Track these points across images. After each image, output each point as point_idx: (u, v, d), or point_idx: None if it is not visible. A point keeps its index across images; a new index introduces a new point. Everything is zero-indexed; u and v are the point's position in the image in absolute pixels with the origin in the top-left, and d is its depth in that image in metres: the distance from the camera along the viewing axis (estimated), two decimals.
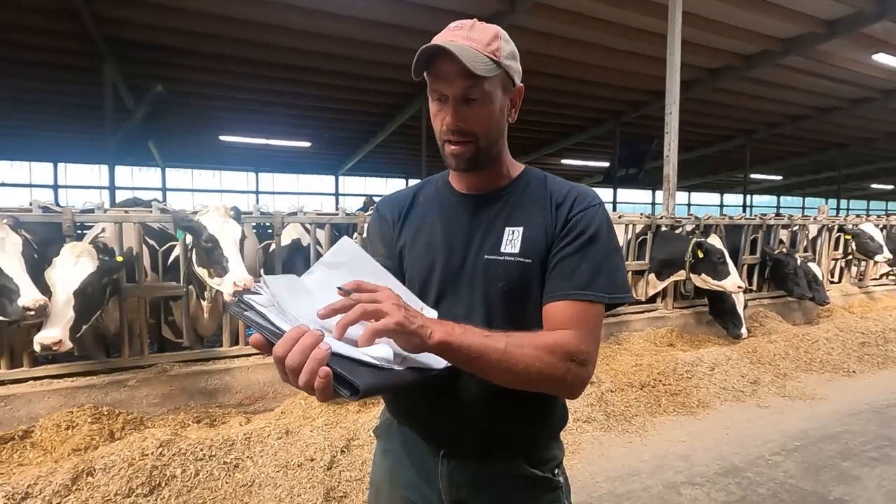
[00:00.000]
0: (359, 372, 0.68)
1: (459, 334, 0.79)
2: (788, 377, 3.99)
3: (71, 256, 2.49)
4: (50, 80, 8.82)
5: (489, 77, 0.91)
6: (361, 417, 2.82)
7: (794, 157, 18.27)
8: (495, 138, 0.98)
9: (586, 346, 0.89)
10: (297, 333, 0.67)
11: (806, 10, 7.53)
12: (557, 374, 0.86)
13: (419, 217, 1.07)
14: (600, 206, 0.99)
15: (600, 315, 0.93)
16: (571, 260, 0.94)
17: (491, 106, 0.94)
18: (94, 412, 2.67)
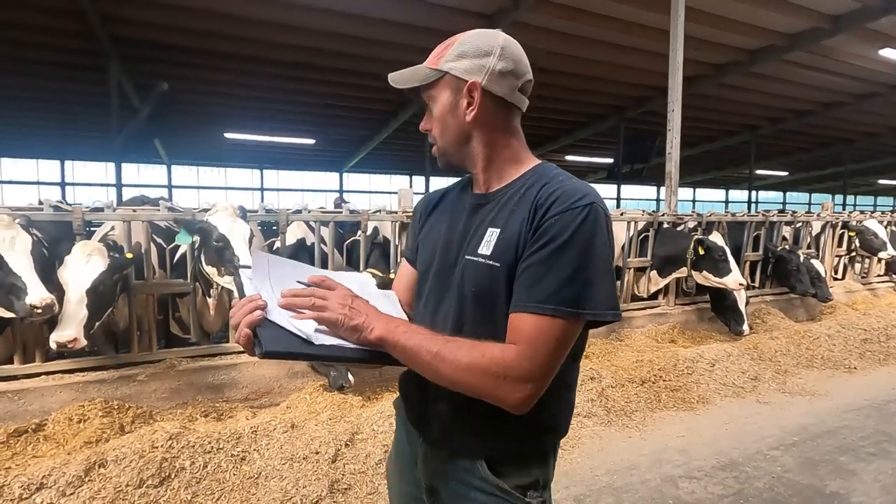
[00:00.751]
0: (276, 340, 0.82)
1: (399, 333, 0.88)
2: (789, 373, 4.02)
3: (82, 255, 2.55)
4: (56, 78, 8.91)
5: (426, 84, 0.99)
6: (365, 412, 2.87)
7: (800, 152, 18.16)
8: (451, 138, 1.00)
9: (529, 362, 0.84)
10: (246, 300, 0.86)
11: (811, 5, 7.49)
12: (485, 389, 0.86)
13: (437, 215, 1.12)
14: (585, 209, 0.87)
15: (564, 331, 0.85)
16: (536, 269, 0.87)
17: (437, 109, 1.00)
18: (105, 406, 2.73)
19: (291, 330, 0.84)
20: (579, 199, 0.88)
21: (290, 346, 0.83)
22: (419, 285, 1.08)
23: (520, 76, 0.99)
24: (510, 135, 1.02)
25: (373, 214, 3.73)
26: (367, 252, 3.68)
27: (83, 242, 2.66)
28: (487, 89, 0.96)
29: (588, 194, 0.90)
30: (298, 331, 0.84)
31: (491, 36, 0.99)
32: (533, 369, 0.85)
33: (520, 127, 1.04)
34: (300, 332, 0.84)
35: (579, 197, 0.89)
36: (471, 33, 1.01)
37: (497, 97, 0.98)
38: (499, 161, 1.02)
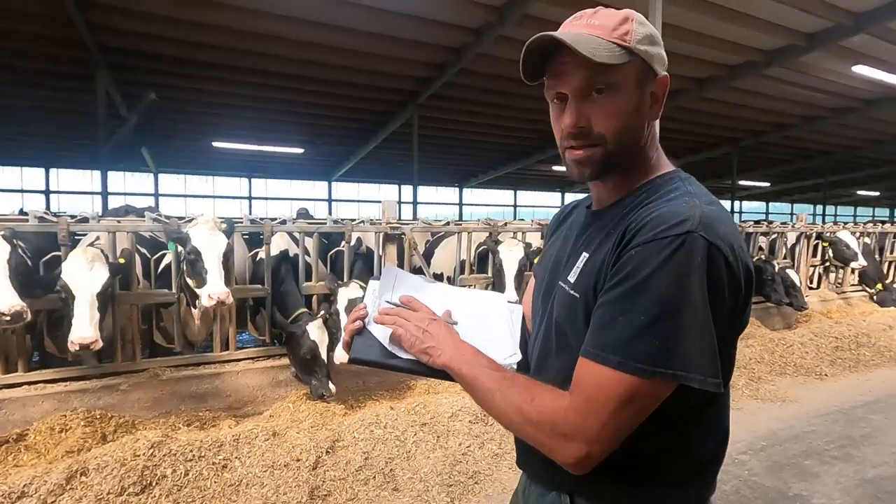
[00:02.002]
0: (364, 348, 0.93)
1: (463, 362, 0.86)
2: (762, 380, 4.14)
3: (85, 261, 2.61)
4: (43, 86, 8.90)
5: (616, 65, 0.78)
6: (347, 420, 2.92)
7: (781, 164, 18.58)
8: (630, 140, 0.83)
9: (581, 419, 0.73)
10: (358, 309, 0.96)
11: (786, 23, 7.75)
12: (533, 440, 0.80)
13: (561, 231, 1.04)
14: (677, 240, 0.70)
15: (631, 389, 0.71)
16: (609, 309, 0.74)
17: (620, 100, 0.80)
18: (87, 416, 2.76)
19: (383, 342, 0.93)
20: (674, 225, 0.72)
21: (375, 355, 0.92)
22: (533, 304, 1.02)
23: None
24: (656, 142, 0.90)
25: (357, 225, 3.80)
26: (350, 263, 3.75)
27: (83, 249, 2.72)
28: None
29: (688, 219, 0.72)
30: (389, 344, 0.93)
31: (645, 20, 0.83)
32: (585, 427, 0.73)
33: None
34: (389, 346, 0.93)
35: (675, 223, 0.72)
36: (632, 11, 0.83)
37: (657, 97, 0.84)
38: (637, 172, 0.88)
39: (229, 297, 2.83)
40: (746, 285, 0.76)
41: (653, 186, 0.84)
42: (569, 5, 6.86)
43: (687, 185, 0.83)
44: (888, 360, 4.77)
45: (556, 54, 0.80)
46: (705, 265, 0.70)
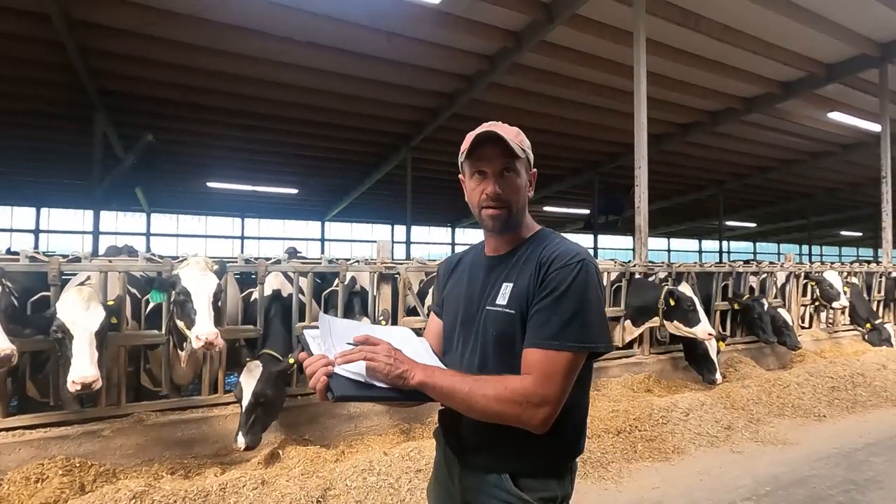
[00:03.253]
0: (344, 387, 1.03)
1: (437, 377, 1.07)
2: (761, 422, 4.07)
3: (82, 300, 2.56)
4: (42, 128, 9.02)
5: (520, 158, 1.19)
6: (339, 467, 2.81)
7: (765, 205, 19.06)
8: (522, 207, 1.22)
9: (543, 389, 1.04)
10: (319, 356, 1.07)
11: (762, 72, 8.16)
12: (511, 415, 1.06)
13: (458, 275, 1.34)
14: (579, 265, 1.10)
15: (569, 362, 1.06)
16: (544, 313, 1.09)
17: (519, 180, 1.20)
18: (66, 464, 2.63)
19: (354, 378, 1.05)
20: (573, 257, 1.12)
21: (356, 390, 1.04)
22: (447, 334, 1.29)
23: None
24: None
25: (351, 265, 3.79)
26: (344, 302, 3.71)
27: (77, 288, 2.68)
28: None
29: (579, 253, 1.13)
30: (360, 377, 1.05)
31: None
32: (547, 394, 1.04)
33: None
34: (362, 379, 1.05)
35: (573, 255, 1.12)
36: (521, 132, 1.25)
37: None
38: (524, 227, 1.26)
39: (218, 339, 2.76)
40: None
41: (538, 238, 1.23)
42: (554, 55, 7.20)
43: (559, 236, 1.23)
44: (884, 400, 4.74)
45: (484, 144, 1.17)
46: (595, 278, 1.11)
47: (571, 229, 22.14)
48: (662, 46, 7.04)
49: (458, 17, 6.19)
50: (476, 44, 6.92)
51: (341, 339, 1.12)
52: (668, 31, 6.64)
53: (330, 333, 1.13)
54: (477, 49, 7.10)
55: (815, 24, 6.62)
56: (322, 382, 1.03)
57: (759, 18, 6.50)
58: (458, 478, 1.21)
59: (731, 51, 7.26)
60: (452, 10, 6.06)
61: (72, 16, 5.74)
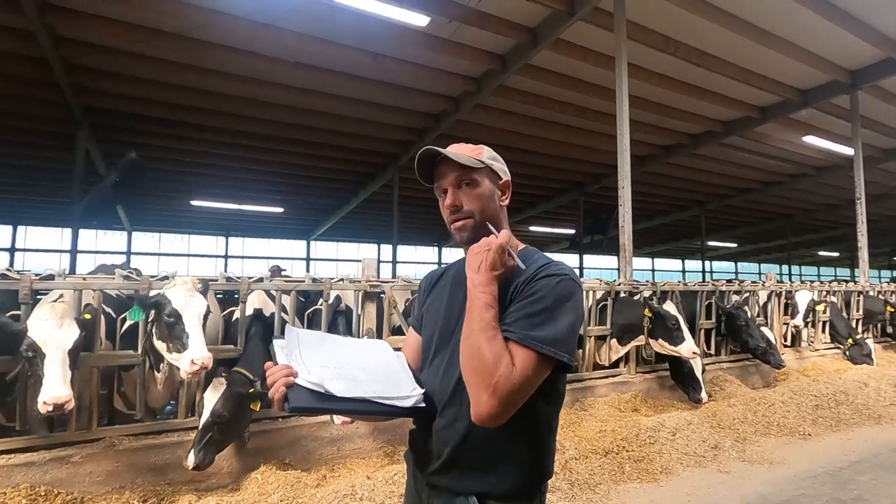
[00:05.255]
0: (301, 397, 1.01)
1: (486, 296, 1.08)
2: (748, 441, 4.06)
3: (55, 317, 2.47)
4: (22, 144, 8.86)
5: (475, 168, 1.20)
6: (320, 492, 2.72)
7: (745, 226, 19.46)
8: (489, 215, 1.21)
9: (507, 381, 0.98)
10: (282, 367, 1.05)
11: (739, 96, 8.42)
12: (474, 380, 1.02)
13: (439, 289, 1.32)
14: (556, 278, 1.09)
15: (535, 363, 1.01)
16: (517, 312, 1.06)
17: (479, 189, 1.21)
18: (30, 493, 2.50)
19: (314, 389, 1.03)
20: (557, 271, 1.12)
21: (313, 401, 1.03)
22: (425, 348, 1.27)
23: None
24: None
25: (336, 283, 3.74)
26: (328, 321, 3.65)
27: (50, 305, 2.58)
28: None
29: (563, 268, 1.13)
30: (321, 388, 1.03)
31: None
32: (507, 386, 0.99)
33: None
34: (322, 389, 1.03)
35: (557, 270, 1.12)
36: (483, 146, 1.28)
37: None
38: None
39: (211, 362, 2.68)
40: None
41: (521, 255, 1.18)
42: (539, 77, 7.34)
43: (543, 255, 1.21)
44: (867, 418, 4.78)
45: (440, 165, 1.22)
46: (575, 295, 1.10)
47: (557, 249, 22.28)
48: (644, 70, 7.24)
49: (444, 39, 6.30)
50: (462, 66, 7.03)
51: (309, 350, 1.12)
52: (649, 56, 6.83)
53: (298, 344, 1.13)
54: (463, 71, 7.21)
55: (788, 52, 6.87)
56: (280, 393, 1.02)
57: (735, 45, 6.73)
58: (426, 500, 1.18)
59: (709, 76, 7.48)
60: (439, 32, 6.17)
61: (56, 32, 5.71)
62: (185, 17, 5.61)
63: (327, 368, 1.09)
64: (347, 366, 1.13)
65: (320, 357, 1.12)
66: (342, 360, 1.14)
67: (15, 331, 2.50)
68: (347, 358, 1.16)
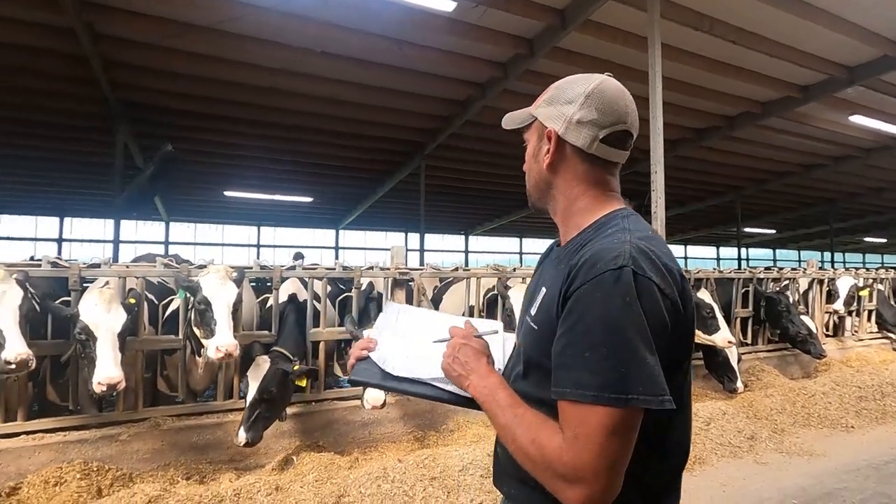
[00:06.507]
0: (362, 371, 1.04)
1: (485, 393, 0.92)
2: (786, 432, 3.95)
3: (103, 302, 2.60)
4: (65, 139, 9.24)
5: (522, 128, 1.05)
6: (353, 473, 2.79)
7: (785, 211, 18.68)
8: (532, 182, 1.04)
9: (575, 457, 0.75)
10: (362, 340, 1.07)
11: (779, 75, 8.02)
12: (538, 477, 0.81)
13: (538, 269, 1.11)
14: (611, 276, 0.78)
15: (608, 420, 0.74)
16: (567, 350, 0.80)
17: (528, 150, 1.04)
18: (84, 468, 2.66)
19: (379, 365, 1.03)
20: (608, 261, 0.80)
21: (371, 377, 1.03)
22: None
23: (603, 126, 0.93)
24: (590, 185, 0.97)
25: (366, 271, 3.79)
26: (359, 307, 3.71)
27: (98, 290, 2.71)
28: (564, 139, 0.95)
29: (619, 255, 0.80)
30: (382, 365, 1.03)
31: (581, 82, 0.96)
32: (579, 466, 0.75)
33: (610, 178, 1.00)
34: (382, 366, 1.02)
35: (609, 258, 0.80)
36: (569, 79, 0.99)
37: (575, 147, 0.95)
38: (572, 212, 0.98)
39: (237, 350, 2.78)
40: (684, 306, 0.84)
41: (597, 225, 0.93)
42: (568, 61, 7.18)
43: (625, 221, 0.91)
44: None
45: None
46: (638, 296, 0.77)
47: None
48: (677, 51, 6.97)
49: (470, 24, 6.21)
50: (489, 51, 6.93)
51: (395, 325, 1.12)
52: (683, 35, 6.57)
53: (396, 319, 1.14)
54: (490, 56, 7.10)
55: (833, 26, 6.49)
56: (349, 364, 1.04)
57: (776, 20, 6.40)
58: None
59: (746, 54, 7.15)
60: (465, 17, 6.08)
61: (95, 30, 5.90)
62: (215, 11, 5.70)
63: (401, 346, 1.07)
64: (427, 345, 1.06)
65: (404, 334, 1.10)
66: (427, 338, 1.08)
67: (67, 315, 2.64)
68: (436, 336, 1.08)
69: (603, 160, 0.96)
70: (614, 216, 0.94)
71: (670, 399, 0.76)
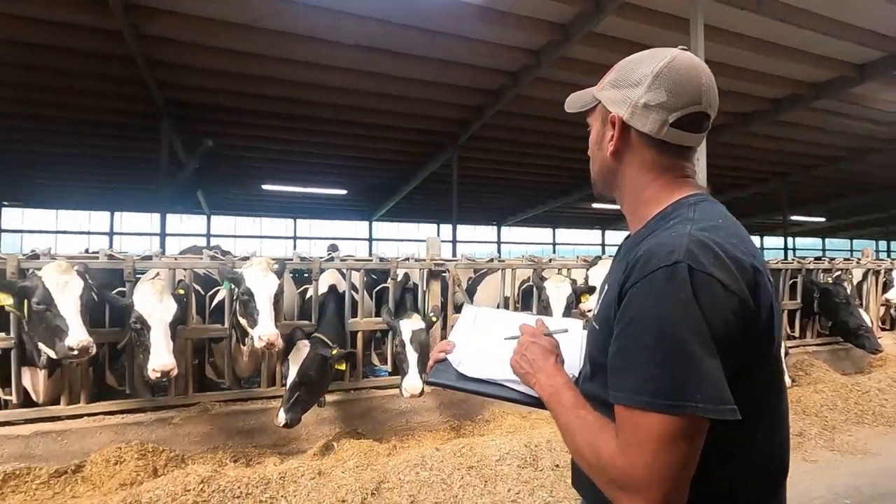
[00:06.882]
0: (438, 373, 1.07)
1: (550, 392, 0.90)
2: (837, 430, 3.79)
3: (156, 293, 2.74)
4: (113, 137, 9.69)
5: (586, 111, 0.98)
6: (392, 461, 2.85)
7: (835, 198, 17.71)
8: (596, 170, 0.97)
9: (629, 465, 0.71)
10: (442, 343, 1.11)
11: (832, 54, 7.56)
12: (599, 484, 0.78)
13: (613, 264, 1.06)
14: (666, 273, 0.72)
15: (664, 427, 0.69)
16: (622, 352, 0.76)
17: (591, 136, 0.97)
18: (141, 449, 2.82)
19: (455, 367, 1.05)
20: (662, 257, 0.74)
21: (448, 379, 1.05)
22: None
23: (674, 109, 0.85)
24: (659, 173, 0.89)
25: (401, 262, 3.84)
26: (395, 298, 3.77)
27: (151, 281, 2.86)
28: (629, 124, 0.88)
29: (675, 250, 0.73)
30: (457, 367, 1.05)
31: (649, 60, 0.87)
32: (633, 474, 0.71)
33: (683, 163, 0.91)
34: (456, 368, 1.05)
35: (664, 254, 0.74)
36: (635, 56, 0.91)
37: (642, 132, 0.87)
38: (639, 203, 0.92)
39: (279, 340, 2.88)
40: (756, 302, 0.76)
41: (662, 215, 0.87)
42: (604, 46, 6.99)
43: (690, 211, 0.84)
44: None
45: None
46: (695, 294, 0.71)
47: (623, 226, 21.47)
48: (720, 32, 6.67)
49: (503, 12, 6.13)
50: (522, 38, 6.82)
51: (473, 327, 1.15)
52: (727, 16, 6.27)
53: (474, 322, 1.17)
54: (522, 44, 6.99)
55: None
56: (429, 366, 1.07)
57: None
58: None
59: (796, 33, 6.76)
60: (497, 5, 6.00)
61: (140, 31, 6.14)
62: (252, 8, 5.84)
63: (475, 347, 1.08)
64: (499, 344, 1.06)
65: (479, 335, 1.12)
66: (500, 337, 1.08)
67: (123, 305, 2.79)
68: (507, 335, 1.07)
69: (675, 145, 0.87)
70: (681, 205, 0.86)
71: (733, 408, 0.69)
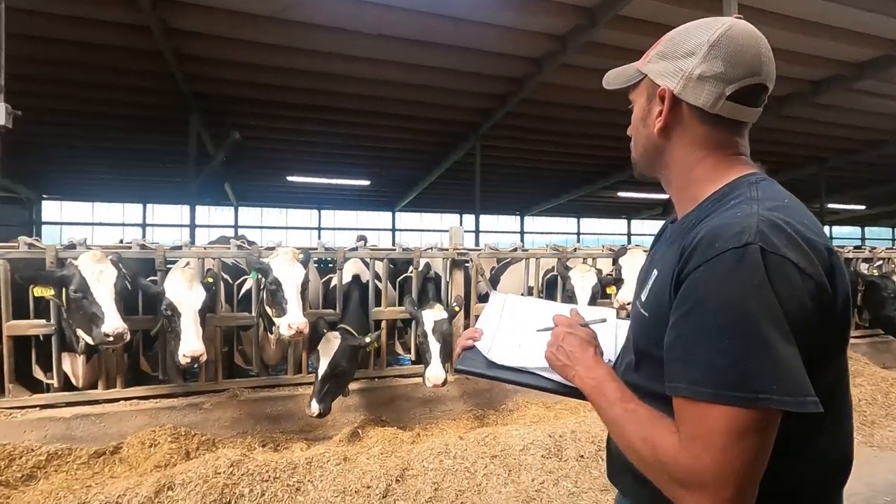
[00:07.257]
0: (466, 360, 1.05)
1: (592, 384, 0.86)
2: (877, 425, 3.65)
3: (185, 280, 2.81)
4: (144, 130, 9.96)
5: (629, 86, 0.92)
6: (416, 448, 2.88)
7: (876, 185, 16.92)
8: (640, 149, 0.92)
9: (693, 461, 0.66)
10: (469, 330, 1.10)
11: (877, 32, 7.17)
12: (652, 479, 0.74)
13: (652, 250, 1.02)
14: (734, 255, 0.66)
15: (732, 421, 0.64)
16: (683, 339, 0.70)
17: (635, 112, 0.92)
18: (174, 432, 2.92)
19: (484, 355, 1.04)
20: (729, 238, 0.68)
21: (478, 367, 1.03)
22: None
23: (731, 80, 0.79)
24: (711, 151, 0.84)
25: (424, 252, 3.84)
26: (418, 287, 3.77)
27: (181, 270, 2.93)
28: (681, 97, 0.82)
29: (744, 231, 0.68)
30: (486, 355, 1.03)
31: (704, 28, 0.81)
32: (698, 470, 0.66)
33: (738, 139, 0.86)
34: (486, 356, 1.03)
35: (730, 236, 0.68)
36: (686, 26, 0.84)
37: (695, 106, 0.81)
38: (689, 182, 0.86)
39: (307, 328, 2.93)
40: (833, 286, 0.71)
41: (718, 196, 0.80)
42: (631, 29, 6.80)
43: (752, 189, 0.78)
44: None
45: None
46: (769, 277, 0.65)
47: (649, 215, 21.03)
48: (755, 11, 6.38)
49: None
50: (546, 23, 6.67)
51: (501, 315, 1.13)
52: None
53: (501, 312, 1.15)
54: (547, 29, 6.84)
55: None
56: (455, 354, 1.06)
57: None
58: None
59: (837, 10, 6.43)
60: None
61: (168, 25, 6.25)
62: (277, 0, 5.87)
63: (505, 335, 1.06)
64: (531, 333, 1.04)
65: (509, 323, 1.10)
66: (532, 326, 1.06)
67: (155, 293, 2.87)
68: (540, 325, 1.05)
69: (729, 120, 0.82)
70: (739, 183, 0.80)
71: (815, 400, 0.64)
